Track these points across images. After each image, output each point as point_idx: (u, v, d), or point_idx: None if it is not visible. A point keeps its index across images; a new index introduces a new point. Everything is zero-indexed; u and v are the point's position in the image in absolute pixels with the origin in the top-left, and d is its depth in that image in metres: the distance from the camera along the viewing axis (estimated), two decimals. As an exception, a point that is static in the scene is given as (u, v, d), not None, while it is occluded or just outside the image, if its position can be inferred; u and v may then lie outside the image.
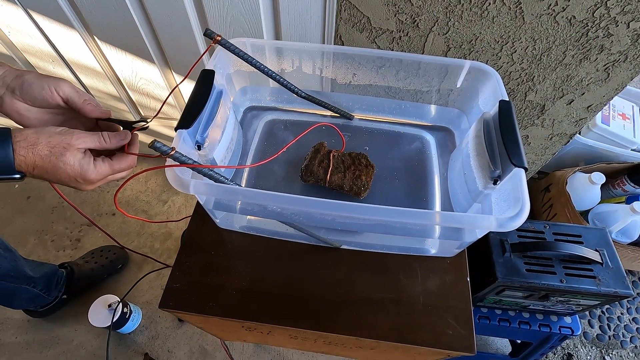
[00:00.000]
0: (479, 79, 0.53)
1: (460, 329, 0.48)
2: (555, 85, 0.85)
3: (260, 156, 0.60)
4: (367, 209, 0.38)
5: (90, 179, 0.40)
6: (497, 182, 0.45)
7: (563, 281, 0.57)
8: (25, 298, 0.90)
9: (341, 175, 0.55)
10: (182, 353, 1.00)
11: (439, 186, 0.57)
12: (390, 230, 0.49)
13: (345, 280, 0.52)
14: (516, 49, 0.77)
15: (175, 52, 0.91)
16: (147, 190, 1.29)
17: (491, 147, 0.46)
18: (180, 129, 0.44)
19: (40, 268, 0.92)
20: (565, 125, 0.97)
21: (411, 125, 0.64)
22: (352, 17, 0.76)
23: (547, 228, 0.63)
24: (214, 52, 0.52)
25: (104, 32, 0.88)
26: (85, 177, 0.39)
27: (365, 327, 0.48)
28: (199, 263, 0.53)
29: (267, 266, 0.53)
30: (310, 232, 0.51)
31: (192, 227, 0.56)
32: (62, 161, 0.37)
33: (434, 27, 0.75)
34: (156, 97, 1.08)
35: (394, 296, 0.51)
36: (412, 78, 0.57)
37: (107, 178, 0.42)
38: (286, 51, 0.56)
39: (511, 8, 0.69)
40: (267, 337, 0.63)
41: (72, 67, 1.00)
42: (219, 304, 0.50)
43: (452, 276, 0.52)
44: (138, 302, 1.07)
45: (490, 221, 0.38)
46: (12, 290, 0.85)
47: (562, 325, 0.70)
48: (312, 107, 0.62)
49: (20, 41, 0.94)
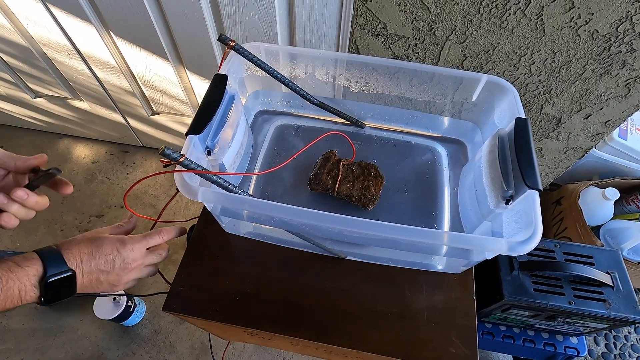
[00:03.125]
0: (495, 93, 0.52)
1: (464, 348, 0.47)
2: (573, 98, 0.83)
3: (269, 161, 0.59)
4: (375, 225, 0.38)
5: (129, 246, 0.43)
6: (509, 202, 0.44)
7: (572, 303, 0.56)
8: None
9: (350, 185, 0.54)
10: (183, 348, 1.01)
11: (449, 200, 0.56)
12: (397, 246, 0.49)
13: (349, 291, 0.52)
14: (535, 60, 0.75)
15: (189, 50, 0.92)
16: (156, 185, 1.30)
17: (505, 166, 0.45)
18: (191, 134, 0.44)
19: None
20: (581, 140, 0.94)
21: (423, 136, 0.63)
22: (368, 23, 0.75)
23: (557, 247, 0.62)
24: (228, 57, 0.52)
25: (120, 28, 0.89)
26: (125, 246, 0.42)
27: (367, 340, 0.48)
28: (204, 267, 0.53)
29: (272, 273, 0.53)
30: (316, 242, 0.50)
31: (198, 230, 0.56)
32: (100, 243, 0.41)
33: (451, 35, 0.74)
34: (168, 93, 1.08)
35: (398, 310, 0.50)
36: (426, 88, 0.56)
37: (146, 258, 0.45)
38: (300, 57, 0.56)
39: (532, 19, 0.68)
40: (269, 341, 0.63)
41: (87, 61, 1.01)
42: (222, 309, 0.50)
43: (458, 293, 0.51)
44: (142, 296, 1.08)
45: (501, 244, 0.37)
46: None
47: (567, 345, 0.68)
48: (324, 113, 0.62)
49: (38, 34, 0.95)
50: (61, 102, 1.22)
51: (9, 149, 1.42)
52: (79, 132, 1.36)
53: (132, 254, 0.43)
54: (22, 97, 1.22)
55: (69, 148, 1.38)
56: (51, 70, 1.08)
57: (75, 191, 1.27)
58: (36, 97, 1.22)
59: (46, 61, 1.05)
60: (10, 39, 0.98)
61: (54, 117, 1.30)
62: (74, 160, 1.35)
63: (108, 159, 1.35)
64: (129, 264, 0.42)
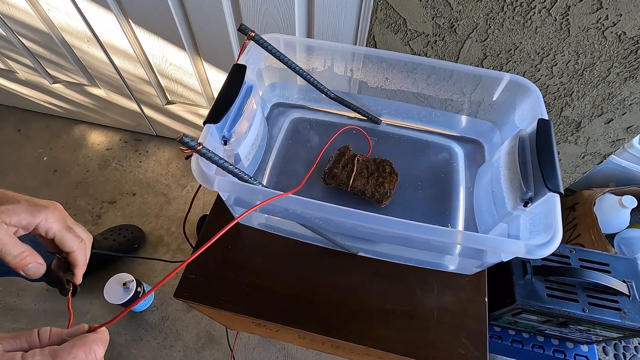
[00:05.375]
0: (517, 93, 0.51)
1: (474, 350, 0.47)
2: (595, 102, 0.81)
3: (284, 154, 0.59)
4: (389, 222, 0.37)
5: None
6: (527, 205, 0.43)
7: (585, 310, 0.55)
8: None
9: (364, 181, 0.54)
10: (189, 337, 1.02)
11: (464, 200, 0.55)
12: (410, 244, 0.48)
13: (359, 287, 0.51)
14: (557, 62, 0.74)
15: (207, 40, 0.92)
16: (168, 174, 1.31)
17: (525, 167, 0.44)
18: (209, 123, 0.44)
19: None
20: (600, 145, 0.92)
21: (439, 135, 0.62)
22: (388, 18, 0.74)
23: (573, 253, 0.61)
24: (247, 47, 0.51)
25: (139, 16, 0.89)
26: None
27: (376, 337, 0.48)
28: (215, 256, 0.53)
29: (282, 266, 0.53)
30: (328, 237, 0.50)
31: (211, 219, 0.56)
32: None
33: (472, 33, 0.72)
34: (184, 83, 1.09)
35: (407, 309, 0.50)
36: (446, 86, 0.55)
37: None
38: (319, 50, 0.55)
39: (557, 19, 0.66)
40: (276, 333, 0.63)
41: (105, 49, 1.01)
42: (232, 299, 0.50)
43: (470, 295, 0.51)
44: (151, 282, 1.10)
45: (519, 246, 0.36)
46: None
47: (577, 353, 0.67)
48: (339, 108, 0.61)
49: (58, 19, 0.96)
50: (78, 89, 1.24)
51: (26, 133, 1.45)
52: (94, 118, 1.38)
53: None
54: (40, 82, 1.24)
55: (84, 134, 1.40)
56: (70, 56, 1.09)
57: (89, 177, 1.29)
58: (54, 83, 1.24)
59: (65, 47, 1.06)
60: (32, 24, 0.99)
61: (71, 103, 1.32)
62: (89, 146, 1.37)
63: (122, 147, 1.37)
64: None
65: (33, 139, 1.38)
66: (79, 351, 0.26)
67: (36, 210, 0.33)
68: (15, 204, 0.32)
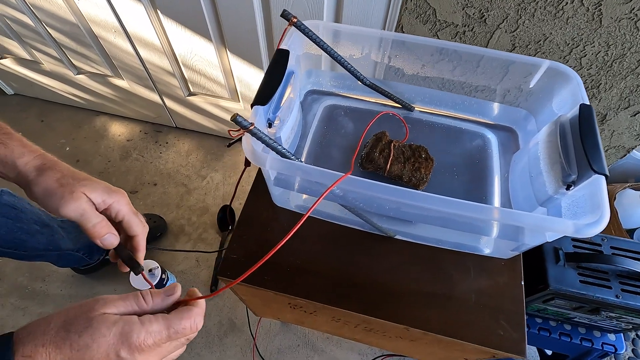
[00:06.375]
0: (555, 80, 0.51)
1: (512, 332, 0.48)
2: (622, 95, 0.81)
3: (319, 139, 0.60)
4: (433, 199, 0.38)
5: (137, 344, 0.27)
6: (570, 188, 0.43)
7: (619, 297, 0.55)
8: (69, 260, 0.95)
9: (401, 165, 0.54)
10: (212, 324, 1.04)
11: (499, 186, 0.56)
12: (451, 224, 0.49)
13: (397, 270, 0.52)
14: (587, 53, 0.74)
15: (233, 31, 0.93)
16: (188, 165, 1.33)
17: (566, 151, 0.45)
18: (257, 105, 0.45)
19: (83, 235, 0.97)
20: (624, 138, 0.92)
21: (472, 122, 0.62)
22: (418, 8, 0.75)
23: (604, 241, 0.61)
24: (288, 33, 0.52)
25: (167, 7, 0.90)
26: (131, 343, 0.27)
27: (415, 317, 0.49)
28: (255, 237, 0.54)
29: (321, 247, 0.54)
30: (367, 218, 0.51)
31: (249, 202, 0.58)
32: (88, 336, 0.26)
33: (502, 23, 0.73)
34: (207, 75, 1.10)
35: (445, 291, 0.51)
36: (481, 73, 0.56)
37: (164, 346, 0.29)
38: (358, 37, 0.56)
39: (589, 9, 0.66)
40: (307, 317, 0.64)
41: (132, 40, 1.03)
42: (273, 279, 0.51)
43: (506, 278, 0.51)
44: (173, 270, 1.12)
45: (567, 225, 0.37)
46: (56, 257, 0.90)
47: (605, 341, 0.68)
48: (372, 95, 0.62)
49: (87, 11, 0.97)
50: (101, 80, 1.25)
51: (48, 123, 1.47)
52: (116, 110, 1.40)
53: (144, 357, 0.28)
54: (65, 74, 1.26)
55: (105, 125, 1.42)
56: (96, 47, 1.11)
57: (110, 167, 1.31)
58: (78, 74, 1.26)
59: (92, 38, 1.08)
60: (61, 15, 1.01)
61: (93, 94, 1.34)
62: (110, 137, 1.39)
63: (142, 138, 1.39)
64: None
65: (56, 129, 1.40)
66: (186, 322, 0.30)
67: (111, 191, 0.36)
68: (94, 182, 0.35)
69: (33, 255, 0.82)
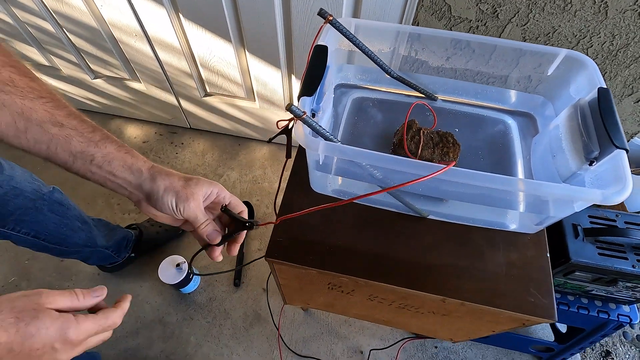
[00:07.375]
0: (572, 67, 0.56)
1: (542, 298, 0.52)
2: (627, 82, 0.85)
3: (350, 130, 0.64)
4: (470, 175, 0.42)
5: (71, 339, 0.32)
6: (592, 163, 0.48)
7: (635, 267, 0.60)
8: (99, 258, 0.98)
9: (431, 150, 0.59)
10: (237, 315, 1.07)
11: (522, 167, 0.60)
12: (483, 200, 0.53)
13: (432, 247, 0.56)
14: (593, 43, 0.79)
15: (253, 32, 0.97)
16: (204, 164, 1.36)
17: (587, 130, 0.49)
18: (304, 96, 0.49)
19: (112, 234, 1.00)
20: (628, 125, 0.97)
21: (492, 109, 0.67)
22: (434, 5, 0.79)
23: (618, 217, 0.66)
24: (325, 30, 0.56)
25: (189, 10, 0.94)
26: (66, 338, 0.32)
27: (452, 289, 0.53)
28: (297, 222, 0.58)
29: (359, 228, 0.58)
30: (401, 198, 0.55)
31: (289, 189, 0.61)
32: (34, 326, 0.30)
33: (513, 17, 0.77)
34: (225, 75, 1.14)
35: (478, 265, 0.55)
36: (501, 63, 0.60)
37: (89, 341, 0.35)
38: (386, 33, 0.60)
39: (596, 2, 0.71)
40: (341, 298, 0.68)
41: (152, 43, 1.06)
42: (317, 258, 0.55)
43: (533, 251, 0.56)
44: (197, 266, 1.15)
45: (595, 194, 0.41)
46: (89, 253, 0.93)
47: (620, 313, 0.72)
48: (396, 87, 0.66)
49: (110, 16, 1.01)
50: (118, 83, 1.29)
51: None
52: (130, 113, 1.43)
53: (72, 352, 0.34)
54: (82, 78, 1.29)
55: (121, 128, 1.45)
56: (115, 51, 1.14)
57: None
58: (95, 78, 1.29)
59: (112, 42, 1.11)
60: (83, 20, 1.04)
61: (109, 98, 1.37)
62: (126, 139, 1.42)
63: (158, 139, 1.42)
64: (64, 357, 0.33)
65: (72, 133, 1.42)
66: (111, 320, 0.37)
67: (213, 183, 0.45)
68: (200, 180, 0.44)
69: (72, 251, 0.85)
